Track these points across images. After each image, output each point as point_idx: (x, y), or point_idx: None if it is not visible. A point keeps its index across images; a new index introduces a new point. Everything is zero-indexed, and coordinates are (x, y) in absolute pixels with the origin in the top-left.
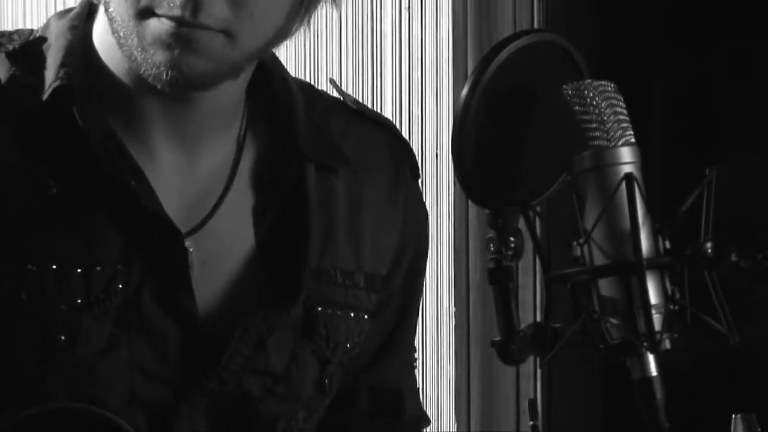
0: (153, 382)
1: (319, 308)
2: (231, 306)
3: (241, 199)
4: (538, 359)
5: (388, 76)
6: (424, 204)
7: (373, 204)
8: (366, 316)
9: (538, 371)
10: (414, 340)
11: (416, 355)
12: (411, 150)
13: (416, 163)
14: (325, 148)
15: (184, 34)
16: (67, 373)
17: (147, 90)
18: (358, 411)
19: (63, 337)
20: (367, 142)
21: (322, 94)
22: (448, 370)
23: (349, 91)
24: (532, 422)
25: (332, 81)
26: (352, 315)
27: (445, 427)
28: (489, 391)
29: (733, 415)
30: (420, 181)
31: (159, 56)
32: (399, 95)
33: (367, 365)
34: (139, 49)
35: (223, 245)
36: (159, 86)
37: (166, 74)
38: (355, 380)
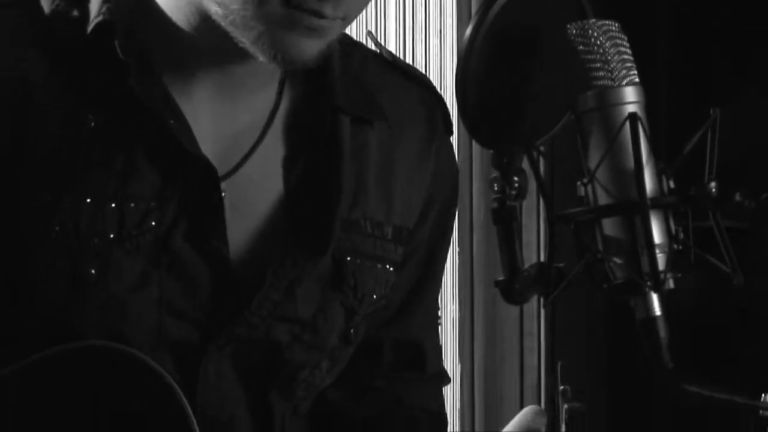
0: (181, 322)
1: (348, 258)
2: (261, 252)
3: (275, 147)
4: (541, 299)
5: (391, 17)
6: (455, 160)
7: (406, 158)
8: (392, 269)
9: (542, 311)
10: (438, 295)
11: (440, 313)
12: (445, 105)
13: (450, 118)
14: (361, 100)
15: (323, 26)
16: (96, 308)
17: (204, 44)
18: (381, 363)
19: (94, 271)
20: (402, 95)
21: (360, 45)
22: (452, 310)
23: (352, 34)
24: (563, 387)
25: (369, 33)
26: (379, 266)
27: (450, 368)
28: (493, 331)
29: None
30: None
31: (288, 39)
32: (403, 36)
33: (391, 318)
34: (260, 25)
35: (255, 192)
36: (269, 61)
37: (287, 55)
38: (379, 332)
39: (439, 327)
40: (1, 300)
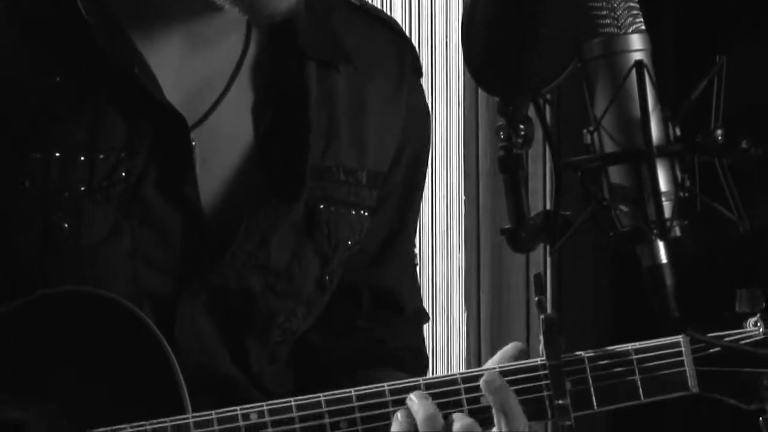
0: (155, 271)
1: (321, 206)
2: (233, 201)
3: (242, 96)
4: (547, 247)
5: None
6: (426, 101)
7: (376, 101)
8: (367, 214)
9: (548, 259)
10: (414, 237)
11: (416, 251)
12: (413, 47)
13: (419, 60)
14: (327, 45)
15: None
16: (70, 261)
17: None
18: (360, 307)
19: (66, 225)
20: (369, 38)
21: None
22: (458, 258)
23: None
24: (537, 297)
25: None
26: (353, 213)
27: (456, 315)
28: (499, 279)
29: (738, 290)
30: (429, 69)
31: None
32: None
33: (367, 264)
34: None
35: (224, 141)
36: (244, 15)
37: (264, 10)
38: (356, 278)
39: (446, 275)
40: None
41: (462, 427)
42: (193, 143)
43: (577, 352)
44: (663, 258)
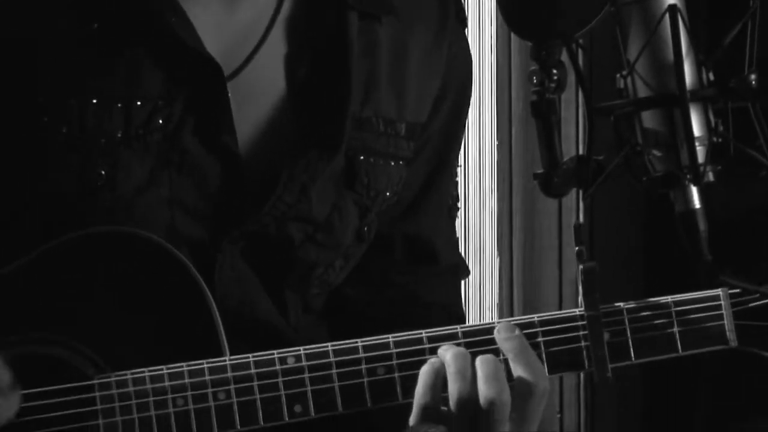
0: (193, 219)
1: (361, 157)
2: (270, 151)
3: (278, 47)
4: (580, 192)
5: None
6: (469, 51)
7: (417, 51)
8: (404, 164)
9: (581, 204)
10: (451, 188)
11: (459, 204)
12: None
13: (462, 8)
14: None
15: None
16: (106, 209)
17: None
18: (393, 259)
19: (103, 172)
20: None
21: None
22: (491, 203)
23: None
24: (577, 247)
25: None
26: (392, 164)
27: (488, 261)
28: (531, 225)
29: None
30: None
31: None
32: None
33: (402, 213)
34: None
35: (259, 92)
36: None
37: None
38: (390, 228)
39: (478, 221)
40: (12, 203)
41: (486, 372)
42: (230, 93)
43: (616, 303)
44: (696, 203)
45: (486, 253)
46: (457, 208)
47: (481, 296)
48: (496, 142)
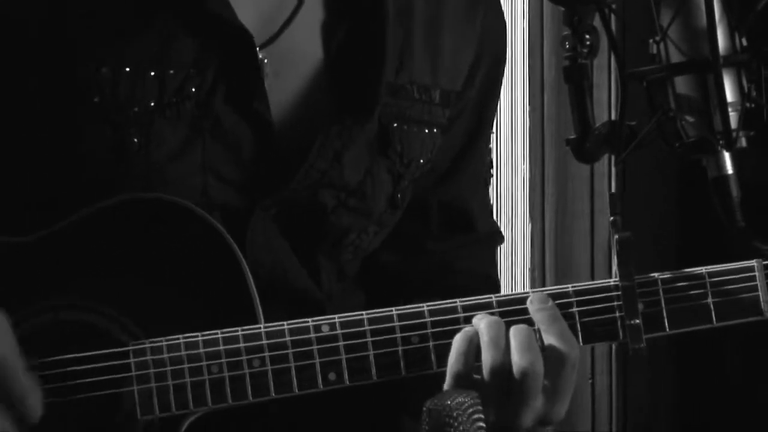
0: (226, 185)
1: (395, 124)
2: (304, 118)
3: (314, 14)
4: (612, 157)
5: None
6: (504, 19)
7: (452, 17)
8: (438, 132)
9: (613, 169)
10: (486, 157)
11: (492, 171)
12: None
13: None
14: None
15: None
16: (140, 176)
17: None
18: (429, 226)
19: (136, 140)
20: None
21: None
22: (523, 169)
23: None
24: (612, 217)
25: None
26: (426, 131)
27: (520, 228)
28: (563, 191)
29: None
30: None
31: None
32: None
33: (438, 180)
34: None
35: (295, 59)
36: None
37: None
38: (426, 195)
39: (510, 186)
40: (45, 172)
41: (520, 341)
42: (265, 61)
43: (651, 274)
44: (729, 169)
45: (518, 219)
46: (491, 176)
47: (513, 262)
48: (528, 108)
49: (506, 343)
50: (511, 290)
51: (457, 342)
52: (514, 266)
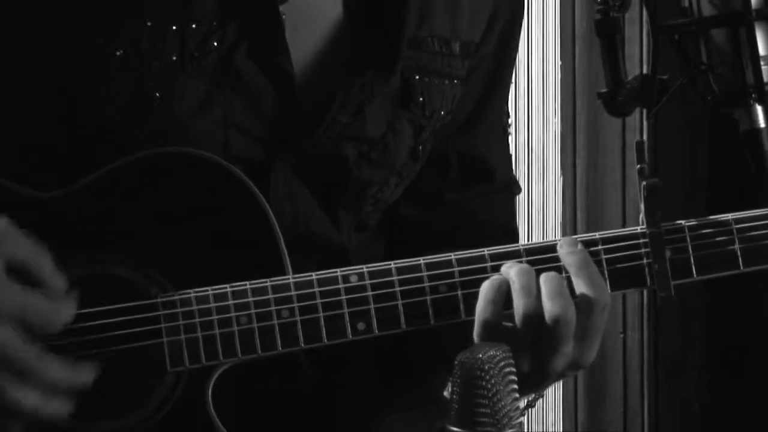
0: (247, 139)
1: (417, 77)
2: (325, 73)
3: None
4: (644, 111)
5: None
6: None
7: None
8: (458, 83)
9: (645, 123)
10: (505, 106)
11: (510, 121)
12: None
13: None
14: None
15: None
16: (161, 130)
17: None
18: (449, 176)
19: (157, 94)
20: None
21: None
22: (554, 123)
23: None
24: (639, 165)
25: None
26: (446, 83)
27: (551, 181)
28: (595, 144)
29: None
30: None
31: None
32: None
33: (457, 131)
34: None
35: (315, 13)
36: None
37: None
38: (445, 146)
39: (542, 140)
40: (68, 126)
41: (551, 288)
42: (284, 16)
43: (678, 221)
44: (761, 122)
45: (549, 172)
46: (509, 126)
47: (544, 216)
48: (559, 62)
49: (537, 291)
50: None
51: (486, 290)
52: (545, 220)
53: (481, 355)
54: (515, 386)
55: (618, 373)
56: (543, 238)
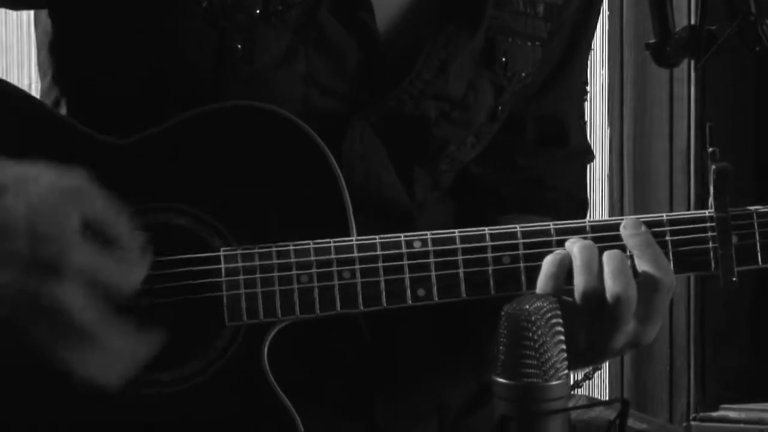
0: (328, 95)
1: (500, 36)
2: (408, 30)
3: None
4: (692, 62)
5: None
6: None
7: None
8: (540, 45)
9: (692, 75)
10: (584, 72)
11: (587, 88)
12: None
13: None
14: None
15: None
16: (242, 82)
17: None
18: (524, 140)
19: (239, 46)
20: None
21: None
22: (602, 74)
23: None
24: (710, 149)
25: None
26: (529, 44)
27: (598, 133)
28: (642, 96)
29: None
30: None
31: None
32: None
33: (535, 94)
34: None
35: None
36: None
37: None
38: (522, 108)
39: (586, 101)
40: (149, 76)
41: (614, 267)
42: None
43: (746, 207)
44: None
45: (596, 124)
46: (587, 92)
47: (591, 168)
48: (607, 13)
49: (599, 268)
50: (590, 196)
51: (547, 264)
52: (592, 171)
53: (527, 306)
54: (562, 337)
55: (664, 330)
56: (590, 190)
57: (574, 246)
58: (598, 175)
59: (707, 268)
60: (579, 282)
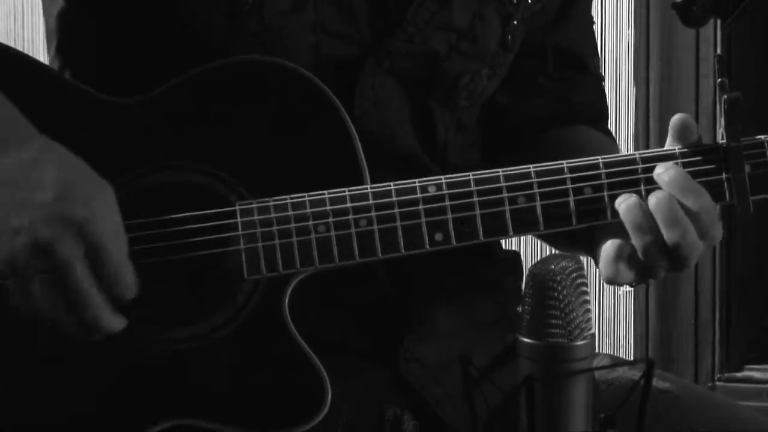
0: (338, 42)
1: None
2: None
3: None
4: (719, 22)
5: None
6: None
7: None
8: None
9: (719, 35)
10: (590, 7)
11: (595, 19)
12: None
13: None
14: None
15: None
16: (253, 35)
17: None
18: (545, 65)
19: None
20: None
21: None
22: (627, 34)
23: None
24: (720, 79)
25: None
26: None
27: (624, 93)
28: (668, 56)
29: None
30: None
31: None
32: None
33: (548, 23)
34: None
35: None
36: None
37: None
38: (540, 38)
39: (615, 49)
40: (158, 32)
41: (664, 215)
42: None
43: (758, 136)
44: None
45: (622, 85)
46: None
47: (617, 129)
48: None
49: (651, 222)
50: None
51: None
52: (618, 131)
53: (553, 266)
54: (587, 297)
55: (689, 284)
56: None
57: (620, 208)
58: (623, 135)
59: (722, 198)
60: (636, 244)
